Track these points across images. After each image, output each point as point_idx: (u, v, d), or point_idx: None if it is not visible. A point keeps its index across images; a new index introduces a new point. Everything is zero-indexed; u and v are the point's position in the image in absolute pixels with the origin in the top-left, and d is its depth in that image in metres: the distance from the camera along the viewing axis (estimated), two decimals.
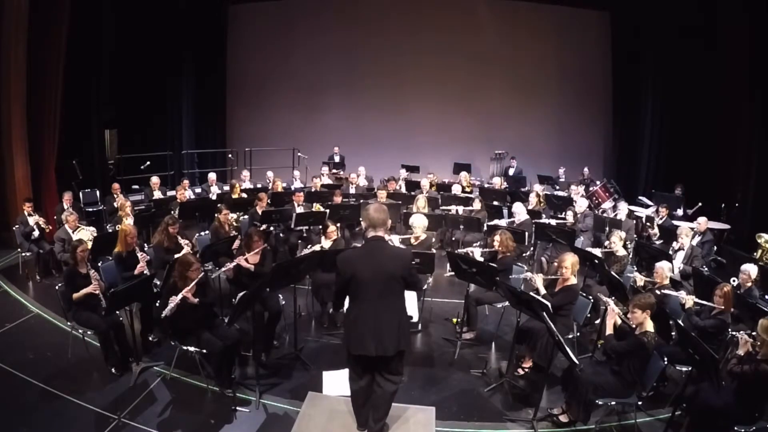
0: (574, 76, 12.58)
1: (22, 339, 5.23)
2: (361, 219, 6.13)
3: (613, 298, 5.30)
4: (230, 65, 13.14)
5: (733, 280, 5.40)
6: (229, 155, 12.01)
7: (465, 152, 12.92)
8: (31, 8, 7.65)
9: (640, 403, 4.01)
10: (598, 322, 5.50)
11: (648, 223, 8.20)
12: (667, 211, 8.17)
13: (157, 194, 8.68)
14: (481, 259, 5.52)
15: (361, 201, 8.79)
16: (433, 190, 9.67)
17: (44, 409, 4.14)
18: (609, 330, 4.16)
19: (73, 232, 6.51)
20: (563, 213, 8.23)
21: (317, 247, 5.83)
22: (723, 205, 9.42)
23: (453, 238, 8.35)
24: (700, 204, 8.63)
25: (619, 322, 4.13)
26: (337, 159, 11.87)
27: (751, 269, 5.29)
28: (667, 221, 8.00)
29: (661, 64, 11.36)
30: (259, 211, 7.54)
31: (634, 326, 3.99)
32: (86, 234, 6.49)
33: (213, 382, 4.46)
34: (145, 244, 6.36)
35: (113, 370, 4.62)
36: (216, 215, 6.80)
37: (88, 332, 4.76)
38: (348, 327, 3.35)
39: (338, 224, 6.51)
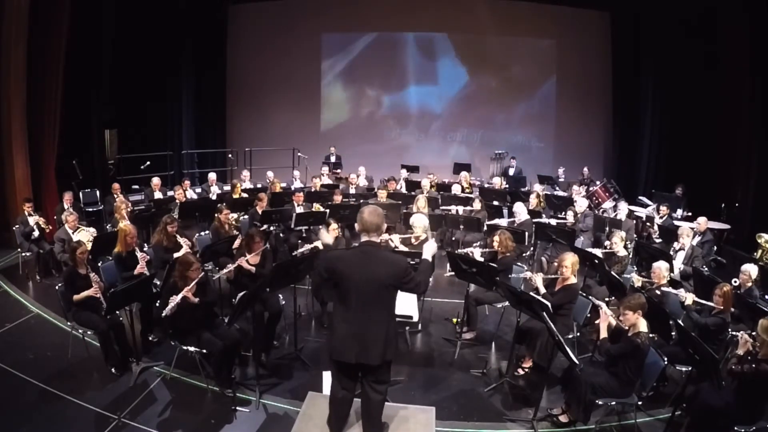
0: (574, 76, 12.58)
1: (22, 339, 5.23)
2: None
3: (613, 298, 5.30)
4: (230, 65, 13.13)
5: (734, 281, 5.40)
6: (229, 155, 12.00)
7: (465, 152, 12.94)
8: (31, 8, 7.64)
9: (640, 403, 4.01)
10: (598, 321, 5.48)
11: (648, 223, 8.19)
12: (668, 210, 8.17)
13: (158, 194, 8.67)
14: (481, 259, 5.52)
15: (361, 201, 8.79)
16: (433, 190, 9.65)
17: (44, 409, 4.13)
18: (603, 333, 4.15)
19: (73, 233, 6.51)
20: (563, 213, 8.23)
21: (318, 243, 5.83)
22: (723, 205, 9.41)
23: (453, 238, 8.34)
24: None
25: (613, 323, 4.13)
26: (333, 159, 11.80)
27: (751, 269, 5.29)
28: (667, 221, 7.99)
29: (661, 64, 11.35)
30: (259, 211, 7.55)
31: (626, 328, 3.98)
32: (86, 234, 6.49)
33: (213, 382, 4.46)
34: (145, 244, 6.36)
35: (113, 370, 4.62)
36: (216, 215, 6.80)
37: (88, 332, 4.75)
38: (331, 332, 3.20)
39: (339, 224, 6.51)
